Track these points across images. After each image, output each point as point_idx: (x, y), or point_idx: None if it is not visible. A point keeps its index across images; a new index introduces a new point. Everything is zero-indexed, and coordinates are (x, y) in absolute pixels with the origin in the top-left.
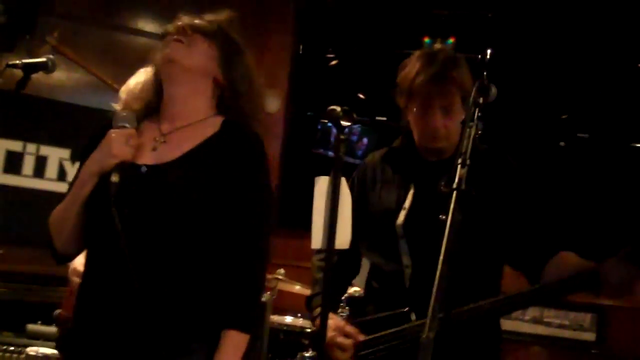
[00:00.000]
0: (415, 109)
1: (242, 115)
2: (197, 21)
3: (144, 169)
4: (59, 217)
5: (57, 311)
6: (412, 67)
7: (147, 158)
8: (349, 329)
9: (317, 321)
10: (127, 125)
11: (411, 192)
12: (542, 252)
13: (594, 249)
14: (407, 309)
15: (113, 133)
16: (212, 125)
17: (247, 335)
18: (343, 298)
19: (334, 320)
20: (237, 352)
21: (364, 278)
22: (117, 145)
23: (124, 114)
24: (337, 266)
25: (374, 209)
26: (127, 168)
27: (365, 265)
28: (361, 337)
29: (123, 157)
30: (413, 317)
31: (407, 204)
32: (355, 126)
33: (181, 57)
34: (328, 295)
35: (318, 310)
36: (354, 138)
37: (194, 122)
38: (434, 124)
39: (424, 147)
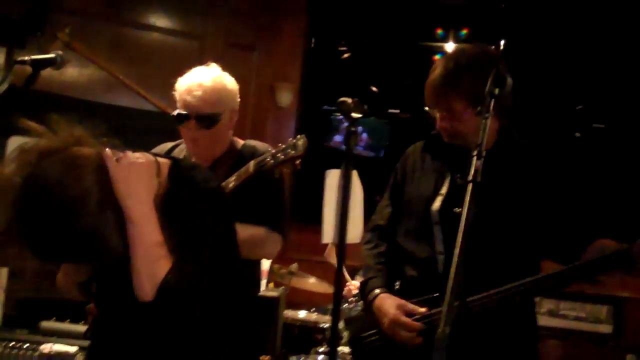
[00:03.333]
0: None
1: None
2: None
3: None
4: (60, 285)
5: (89, 305)
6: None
7: None
8: (411, 306)
9: (374, 302)
10: None
11: (448, 179)
12: (577, 243)
13: (613, 238)
14: (437, 294)
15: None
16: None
17: None
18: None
19: (393, 300)
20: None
21: None
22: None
23: None
24: (389, 254)
25: (412, 196)
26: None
27: None
28: (422, 310)
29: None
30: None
31: (444, 190)
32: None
33: None
34: (340, 290)
35: (374, 292)
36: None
37: None
38: (439, 125)
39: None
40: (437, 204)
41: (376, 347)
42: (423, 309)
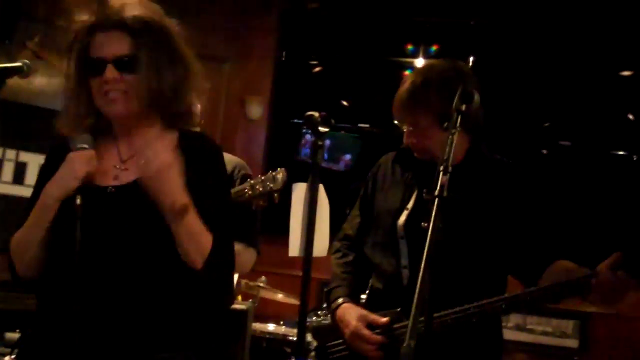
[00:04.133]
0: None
1: (181, 114)
2: (124, 55)
3: (110, 189)
4: (21, 243)
5: None
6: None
7: (111, 180)
8: (372, 317)
9: (336, 312)
10: (85, 146)
11: (415, 193)
12: (539, 261)
13: (576, 255)
14: (399, 309)
15: (74, 155)
16: (170, 140)
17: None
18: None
19: (355, 310)
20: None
21: None
22: (79, 167)
23: (83, 135)
24: (356, 263)
25: (380, 209)
26: (92, 190)
27: None
28: (384, 320)
29: (85, 179)
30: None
31: (410, 204)
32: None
33: (126, 109)
34: (305, 302)
35: (338, 301)
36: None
37: (151, 139)
38: (406, 140)
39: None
40: (402, 218)
41: (342, 357)
42: (385, 319)
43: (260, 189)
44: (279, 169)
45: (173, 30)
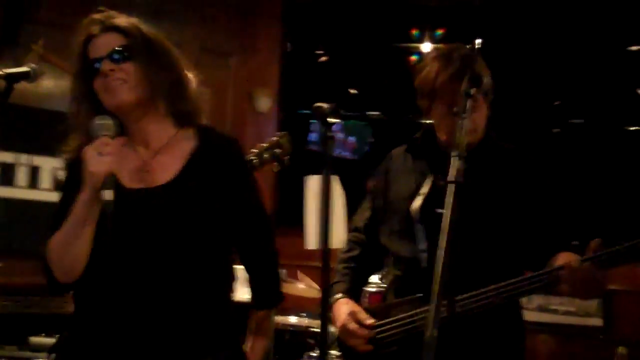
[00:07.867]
0: (440, 109)
1: (190, 108)
2: (117, 47)
3: (144, 191)
4: (59, 246)
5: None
6: (430, 68)
7: (137, 182)
8: (362, 315)
9: (333, 307)
10: (102, 134)
11: (430, 179)
12: (545, 252)
13: (590, 235)
14: (420, 295)
15: (86, 152)
16: (187, 138)
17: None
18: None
19: (349, 306)
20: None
21: None
22: (91, 162)
23: (98, 122)
24: (360, 258)
25: (394, 197)
26: (126, 193)
27: None
28: (370, 322)
29: (104, 171)
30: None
31: (424, 189)
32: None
33: (129, 97)
34: (327, 294)
35: (335, 297)
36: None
37: (168, 140)
38: (450, 122)
39: (450, 142)
40: (417, 203)
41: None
42: (371, 321)
43: (268, 156)
44: (279, 133)
45: (162, 38)
